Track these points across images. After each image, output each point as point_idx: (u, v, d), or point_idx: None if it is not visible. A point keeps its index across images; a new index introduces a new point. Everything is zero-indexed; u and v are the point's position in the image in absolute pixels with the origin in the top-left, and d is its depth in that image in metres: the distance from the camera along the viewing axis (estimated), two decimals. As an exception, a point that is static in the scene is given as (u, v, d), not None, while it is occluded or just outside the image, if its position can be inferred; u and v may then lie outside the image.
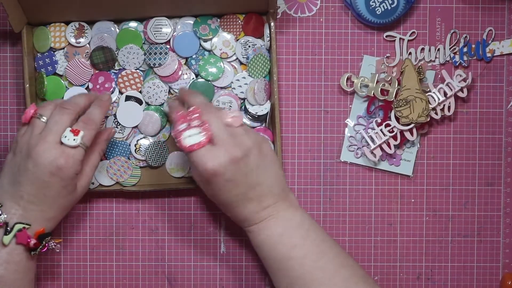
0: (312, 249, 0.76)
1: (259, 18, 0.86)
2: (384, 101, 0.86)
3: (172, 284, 0.88)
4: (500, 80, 0.88)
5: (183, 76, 0.86)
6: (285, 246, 0.76)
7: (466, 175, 0.89)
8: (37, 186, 0.73)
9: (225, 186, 0.73)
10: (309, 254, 0.76)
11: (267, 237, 0.76)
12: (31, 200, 0.73)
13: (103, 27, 0.86)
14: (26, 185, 0.73)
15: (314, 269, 0.75)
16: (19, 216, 0.73)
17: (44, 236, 0.74)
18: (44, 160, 0.72)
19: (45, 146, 0.72)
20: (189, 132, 0.73)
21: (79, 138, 0.73)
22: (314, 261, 0.75)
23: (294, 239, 0.76)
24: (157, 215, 0.88)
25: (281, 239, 0.76)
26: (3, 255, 0.73)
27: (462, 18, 0.88)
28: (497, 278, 0.89)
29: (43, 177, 0.72)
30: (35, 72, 0.86)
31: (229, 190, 0.74)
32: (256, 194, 0.75)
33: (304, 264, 0.75)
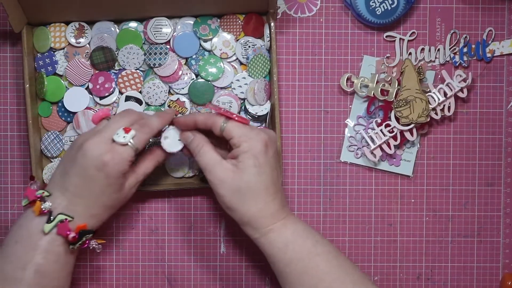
0: (330, 246, 0.76)
1: (259, 18, 0.86)
2: (384, 101, 0.86)
3: (172, 284, 0.88)
4: (500, 80, 0.88)
5: (183, 76, 0.86)
6: (310, 241, 0.75)
7: (466, 175, 0.89)
8: (83, 179, 0.73)
9: (269, 162, 0.74)
10: (331, 250, 0.76)
11: (292, 233, 0.75)
12: (77, 193, 0.73)
13: (103, 27, 0.86)
14: (73, 177, 0.73)
15: (337, 266, 0.75)
16: (64, 208, 0.73)
17: (85, 233, 0.74)
18: (92, 153, 0.72)
19: (96, 140, 0.73)
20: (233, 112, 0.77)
21: (129, 136, 0.73)
22: (336, 258, 0.75)
23: (315, 235, 0.76)
24: (157, 215, 0.88)
25: (306, 234, 0.76)
26: (44, 243, 0.73)
27: (462, 18, 0.88)
28: (497, 278, 0.89)
29: (89, 171, 0.72)
30: (35, 72, 0.86)
31: (271, 168, 0.74)
32: (280, 187, 0.77)
33: (329, 259, 0.75)
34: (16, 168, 0.88)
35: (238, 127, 0.75)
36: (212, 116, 0.76)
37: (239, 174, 0.73)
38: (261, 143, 0.74)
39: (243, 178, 0.73)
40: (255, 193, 0.74)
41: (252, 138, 0.74)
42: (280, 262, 0.75)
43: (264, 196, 0.74)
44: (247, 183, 0.73)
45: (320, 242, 0.76)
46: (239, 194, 0.74)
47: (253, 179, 0.73)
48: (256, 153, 0.73)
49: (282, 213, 0.76)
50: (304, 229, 0.76)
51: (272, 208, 0.75)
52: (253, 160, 0.73)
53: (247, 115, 0.86)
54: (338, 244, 0.89)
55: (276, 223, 0.75)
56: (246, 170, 0.73)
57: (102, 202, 0.74)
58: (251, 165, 0.73)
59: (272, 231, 0.75)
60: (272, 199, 0.75)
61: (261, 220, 0.75)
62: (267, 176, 0.74)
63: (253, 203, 0.74)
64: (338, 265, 0.75)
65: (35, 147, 0.85)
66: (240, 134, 0.74)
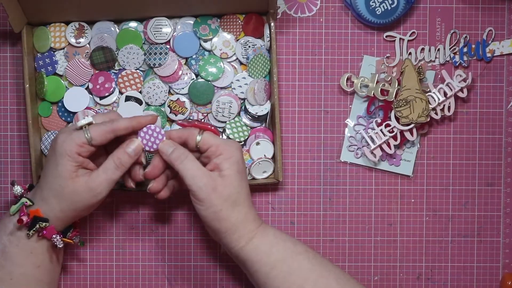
0: (306, 246, 0.78)
1: (259, 18, 0.86)
2: (384, 101, 0.86)
3: (172, 284, 0.88)
4: (500, 80, 0.88)
5: (183, 76, 0.86)
6: (290, 242, 0.77)
7: (466, 175, 0.89)
8: (45, 162, 0.77)
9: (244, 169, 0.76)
10: (308, 249, 0.78)
11: (273, 235, 0.77)
12: (41, 178, 0.76)
13: (103, 27, 0.86)
14: None
15: (318, 264, 0.76)
16: (32, 194, 0.77)
17: (38, 219, 0.74)
18: (55, 136, 0.75)
19: (66, 127, 0.77)
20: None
21: (84, 121, 0.74)
22: (315, 256, 0.77)
23: (290, 237, 0.79)
24: (157, 215, 0.88)
25: (284, 236, 0.78)
26: (10, 225, 0.76)
27: (462, 18, 0.88)
28: (497, 278, 0.89)
29: (49, 152, 0.76)
30: (35, 72, 0.86)
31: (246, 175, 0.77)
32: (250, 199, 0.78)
33: (309, 258, 0.76)
34: (16, 168, 0.88)
35: (214, 137, 0.76)
36: (186, 130, 0.77)
37: (227, 182, 0.74)
38: (239, 151, 0.76)
39: (232, 184, 0.74)
40: (242, 199, 0.75)
41: (231, 145, 0.76)
42: (265, 266, 0.75)
43: (247, 201, 0.76)
44: (236, 190, 0.74)
45: (297, 242, 0.78)
46: (229, 201, 0.74)
47: (239, 185, 0.75)
48: (237, 160, 0.75)
49: (259, 218, 0.78)
50: (280, 232, 0.79)
51: (253, 213, 0.77)
52: (236, 166, 0.75)
53: (247, 115, 0.86)
54: (338, 244, 0.89)
55: (257, 228, 0.77)
56: (232, 176, 0.74)
57: (49, 185, 0.74)
58: (236, 171, 0.75)
59: (257, 236, 0.76)
60: (251, 204, 0.77)
61: (247, 225, 0.76)
62: (246, 183, 0.77)
63: (240, 209, 0.75)
64: (319, 262, 0.76)
65: (35, 147, 0.85)
66: (218, 142, 0.75)
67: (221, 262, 0.88)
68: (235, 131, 0.86)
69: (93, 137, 0.73)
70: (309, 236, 0.88)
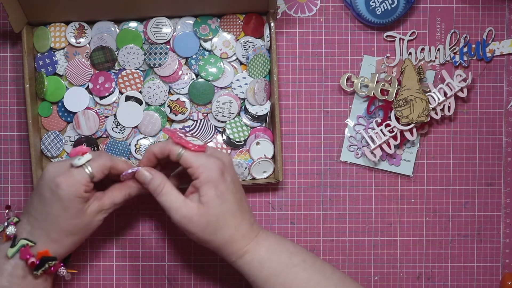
0: (305, 254, 0.77)
1: (259, 18, 0.86)
2: (384, 101, 0.86)
3: (172, 284, 0.88)
4: (500, 80, 0.89)
5: (183, 76, 0.86)
6: (285, 255, 0.76)
7: (466, 175, 0.89)
8: (41, 202, 0.73)
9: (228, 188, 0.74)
10: (307, 258, 0.77)
11: (266, 250, 0.76)
12: (37, 216, 0.74)
13: (103, 27, 0.86)
14: (34, 201, 0.74)
15: (315, 272, 0.76)
16: (28, 233, 0.74)
17: (47, 259, 0.74)
18: (49, 175, 0.73)
19: (55, 164, 0.74)
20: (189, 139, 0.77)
21: (83, 158, 0.73)
22: (313, 264, 0.76)
23: (289, 247, 0.77)
24: (157, 215, 0.88)
25: (280, 248, 0.77)
26: (8, 267, 0.74)
27: (462, 18, 0.88)
28: (497, 278, 0.89)
29: (45, 193, 0.73)
30: (35, 72, 0.86)
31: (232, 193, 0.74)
32: (246, 207, 0.77)
33: (306, 268, 0.76)
34: (16, 168, 0.88)
35: (194, 156, 0.74)
36: (168, 145, 0.76)
37: (204, 209, 0.73)
38: (217, 172, 0.74)
39: (209, 212, 0.73)
40: (224, 222, 0.74)
41: (209, 167, 0.74)
42: (258, 280, 0.76)
43: (232, 222, 0.75)
44: (214, 216, 0.74)
45: (294, 252, 0.77)
46: (209, 228, 0.74)
47: (219, 210, 0.74)
48: (215, 182, 0.73)
49: (253, 232, 0.76)
50: (277, 243, 0.77)
51: (242, 230, 0.75)
52: (214, 190, 0.73)
53: (247, 115, 0.86)
54: (338, 244, 0.89)
55: (249, 244, 0.76)
56: (210, 203, 0.73)
57: (61, 227, 0.74)
58: (214, 197, 0.73)
59: (247, 252, 0.76)
60: (240, 222, 0.75)
61: (234, 245, 0.75)
62: (230, 203, 0.74)
63: (224, 231, 0.75)
64: (316, 271, 0.76)
65: (35, 147, 0.85)
66: (197, 164, 0.74)
67: (221, 262, 0.88)
68: (235, 131, 0.86)
69: (95, 175, 0.74)
70: (309, 236, 0.88)
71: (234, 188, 0.75)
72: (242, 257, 0.76)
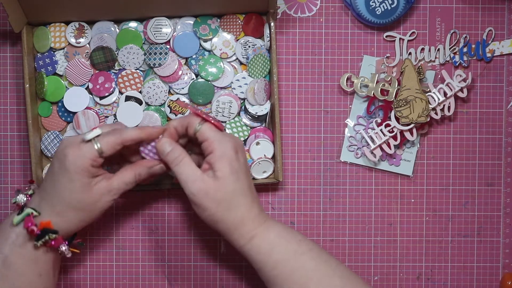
0: (312, 244, 0.77)
1: (259, 18, 0.86)
2: (384, 101, 0.86)
3: (172, 284, 0.88)
4: (500, 80, 0.89)
5: (183, 76, 0.86)
6: (294, 241, 0.76)
7: (466, 175, 0.89)
8: (50, 173, 0.75)
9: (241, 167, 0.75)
10: (313, 248, 0.76)
11: (276, 235, 0.76)
12: (46, 188, 0.75)
13: (103, 27, 0.86)
14: (47, 174, 0.76)
15: (322, 262, 0.75)
16: (36, 204, 0.75)
17: (48, 231, 0.74)
18: (60, 147, 0.74)
19: (69, 138, 0.75)
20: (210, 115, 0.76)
21: (92, 133, 0.73)
22: (320, 254, 0.76)
23: (296, 235, 0.77)
24: (157, 215, 0.88)
25: (288, 235, 0.76)
26: (12, 235, 0.75)
27: (462, 18, 0.88)
28: (497, 278, 0.89)
29: (55, 164, 0.74)
30: (35, 72, 0.86)
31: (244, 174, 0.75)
32: (255, 192, 0.77)
33: (314, 257, 0.75)
34: (16, 168, 0.88)
35: (212, 131, 0.75)
36: (187, 117, 0.76)
37: (220, 184, 0.73)
38: (232, 150, 0.74)
39: (224, 187, 0.73)
40: (237, 200, 0.74)
41: (224, 144, 0.74)
42: (266, 266, 0.75)
43: (244, 201, 0.75)
44: (229, 192, 0.74)
45: (303, 241, 0.77)
46: (223, 204, 0.74)
47: (233, 186, 0.74)
48: (230, 158, 0.74)
49: (262, 217, 0.76)
50: (286, 230, 0.77)
51: (253, 213, 0.75)
52: (229, 167, 0.73)
53: (247, 115, 0.86)
54: (338, 244, 0.89)
55: (258, 228, 0.76)
56: (225, 178, 0.73)
57: (65, 200, 0.74)
58: (229, 172, 0.73)
59: (256, 236, 0.75)
60: (251, 203, 0.75)
61: (245, 226, 0.75)
62: (243, 182, 0.75)
63: (236, 210, 0.74)
64: (323, 261, 0.76)
65: (35, 147, 0.85)
66: (213, 138, 0.74)
67: (221, 262, 0.88)
68: (235, 131, 0.86)
69: (104, 150, 0.74)
70: (309, 236, 0.88)
71: (246, 170, 0.76)
72: (251, 241, 0.75)
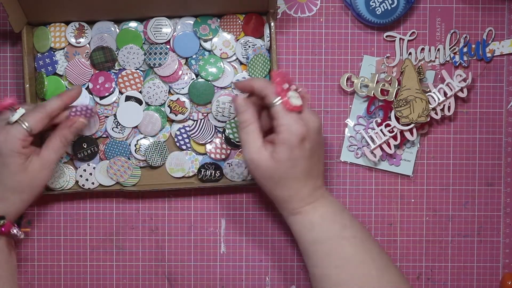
0: (358, 231, 0.77)
1: (259, 18, 0.86)
2: (384, 101, 0.86)
3: (172, 284, 0.88)
4: (500, 80, 0.88)
5: (183, 76, 0.86)
6: (338, 225, 0.76)
7: (466, 175, 0.89)
8: None
9: (304, 154, 0.74)
10: (358, 235, 0.77)
11: (321, 216, 0.76)
12: None
13: (103, 27, 0.86)
14: None
15: (363, 250, 0.76)
16: None
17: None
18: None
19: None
20: (291, 94, 0.75)
21: (17, 114, 0.75)
22: (363, 242, 0.76)
23: (344, 220, 0.77)
24: (157, 215, 0.88)
25: (335, 218, 0.77)
26: None
27: (462, 18, 0.88)
28: (497, 278, 0.89)
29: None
30: (35, 72, 0.86)
31: (306, 160, 0.75)
32: (317, 172, 0.77)
33: (355, 244, 0.76)
34: (16, 168, 0.88)
35: (284, 113, 0.74)
36: (269, 88, 0.75)
37: (273, 164, 0.74)
38: (297, 138, 0.74)
39: (277, 169, 0.74)
40: (285, 183, 0.75)
41: (291, 130, 0.73)
42: (305, 240, 0.77)
43: (293, 185, 0.76)
44: (279, 175, 0.75)
45: (348, 226, 0.77)
46: (271, 182, 0.75)
47: (286, 171, 0.75)
48: (292, 146, 0.74)
49: (313, 196, 0.77)
50: (334, 213, 0.77)
51: (302, 194, 0.76)
52: (288, 153, 0.74)
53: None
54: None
55: (304, 207, 0.76)
56: (280, 162, 0.74)
57: (4, 185, 0.76)
58: (286, 159, 0.74)
59: (300, 214, 0.76)
60: (302, 186, 0.76)
61: (290, 205, 0.77)
62: (299, 168, 0.75)
63: (283, 191, 0.76)
64: (364, 249, 0.76)
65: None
66: (282, 122, 0.74)
67: (221, 262, 0.88)
68: (235, 131, 0.86)
69: (32, 128, 0.75)
70: (309, 236, 0.88)
71: (311, 154, 0.75)
72: (295, 216, 0.77)
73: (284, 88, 0.74)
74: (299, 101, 0.74)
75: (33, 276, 0.88)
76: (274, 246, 0.88)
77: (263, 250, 0.88)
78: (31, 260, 0.87)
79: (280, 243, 0.88)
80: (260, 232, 0.88)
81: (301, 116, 0.74)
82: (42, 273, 0.88)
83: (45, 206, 0.87)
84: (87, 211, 0.88)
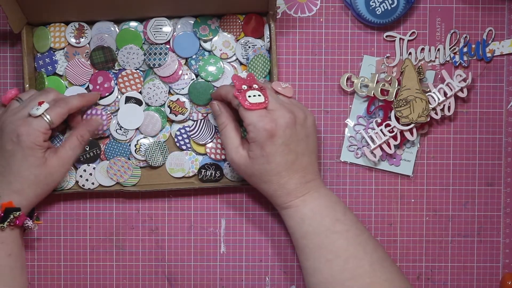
0: (352, 225, 0.78)
1: (259, 18, 0.86)
2: (384, 101, 0.86)
3: (172, 284, 0.88)
4: (500, 80, 0.88)
5: (183, 76, 0.86)
6: (329, 219, 0.77)
7: (466, 175, 0.89)
8: (4, 156, 0.76)
9: (278, 150, 0.75)
10: (351, 229, 0.77)
11: (311, 210, 0.77)
12: (1, 171, 0.77)
13: (103, 27, 0.86)
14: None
15: (356, 244, 0.76)
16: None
17: (11, 210, 0.76)
18: (9, 128, 0.76)
19: (13, 118, 0.77)
20: (250, 93, 0.77)
21: (42, 108, 0.76)
22: (356, 236, 0.77)
23: (336, 213, 0.78)
24: (157, 215, 0.88)
25: (326, 212, 0.77)
26: None
27: (462, 18, 0.88)
28: (497, 278, 0.89)
29: (7, 146, 0.76)
30: (35, 72, 0.86)
31: (281, 155, 0.76)
32: (302, 166, 0.77)
33: (348, 237, 0.76)
34: (16, 168, 0.88)
35: (247, 113, 0.76)
36: (230, 93, 0.78)
37: (250, 163, 0.77)
38: (265, 134, 0.75)
39: (254, 166, 0.77)
40: (267, 178, 0.77)
41: (257, 128, 0.75)
42: (296, 233, 0.78)
43: (276, 180, 0.77)
44: (258, 171, 0.77)
45: (341, 220, 0.77)
46: (254, 178, 0.78)
47: (262, 168, 0.76)
48: (261, 143, 0.75)
49: (301, 190, 0.77)
50: (325, 206, 0.78)
51: (288, 188, 0.77)
52: (259, 150, 0.76)
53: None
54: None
55: (294, 200, 0.77)
56: (255, 160, 0.76)
57: (23, 177, 0.77)
58: (259, 155, 0.76)
59: (290, 207, 0.78)
60: (286, 180, 0.77)
61: (278, 199, 0.78)
62: (276, 164, 0.76)
63: (268, 186, 0.77)
64: (357, 243, 0.76)
65: (35, 147, 0.85)
66: (247, 121, 0.76)
67: (221, 262, 0.88)
68: (235, 131, 0.86)
69: (54, 121, 0.77)
70: (309, 236, 0.88)
71: (287, 149, 0.76)
72: (286, 210, 0.78)
73: (243, 89, 0.77)
74: (259, 99, 0.76)
75: (33, 276, 0.88)
76: (274, 246, 0.88)
77: (263, 250, 0.88)
78: (31, 260, 0.88)
79: (280, 243, 0.88)
80: (260, 232, 0.88)
81: (270, 113, 0.76)
82: (42, 273, 0.88)
83: (45, 206, 0.87)
84: (87, 211, 0.88)
